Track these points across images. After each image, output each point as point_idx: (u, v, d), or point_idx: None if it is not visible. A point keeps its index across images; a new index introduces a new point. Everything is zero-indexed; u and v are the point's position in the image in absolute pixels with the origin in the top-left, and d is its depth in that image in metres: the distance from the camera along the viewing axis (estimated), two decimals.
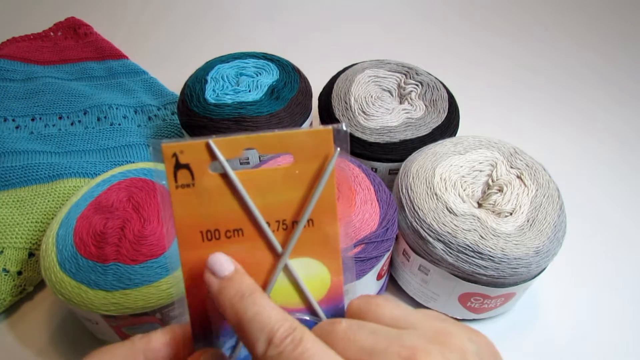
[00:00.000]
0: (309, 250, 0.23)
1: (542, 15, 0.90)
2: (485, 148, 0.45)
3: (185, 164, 0.21)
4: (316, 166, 0.22)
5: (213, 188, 0.21)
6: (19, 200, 0.50)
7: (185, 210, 0.21)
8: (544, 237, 0.38)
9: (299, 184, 0.22)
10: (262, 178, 0.22)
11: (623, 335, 0.44)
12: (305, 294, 0.23)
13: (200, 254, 0.22)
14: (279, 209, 0.22)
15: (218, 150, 0.21)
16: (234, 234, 0.22)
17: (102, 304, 0.35)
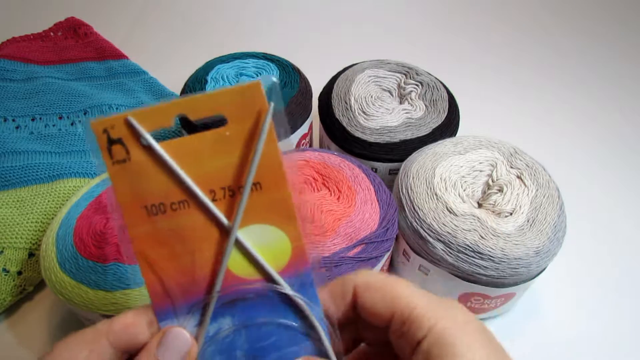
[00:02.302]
0: (262, 216, 0.21)
1: (543, 15, 0.90)
2: (485, 148, 0.45)
3: (118, 139, 0.20)
4: (249, 125, 0.20)
5: (148, 161, 0.20)
6: (19, 200, 0.50)
7: (125, 186, 0.20)
8: (544, 237, 0.38)
9: (233, 147, 0.21)
10: (193, 146, 0.20)
11: (623, 335, 0.44)
12: (262, 264, 0.22)
13: (148, 228, 0.21)
14: (220, 176, 0.21)
15: (138, 124, 0.20)
16: (179, 206, 0.21)
17: (102, 304, 0.35)
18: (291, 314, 0.22)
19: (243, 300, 0.22)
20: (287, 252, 0.22)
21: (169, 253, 0.21)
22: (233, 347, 0.22)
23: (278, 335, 0.22)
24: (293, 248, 0.22)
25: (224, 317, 0.22)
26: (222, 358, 0.22)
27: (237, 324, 0.22)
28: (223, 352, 0.22)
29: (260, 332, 0.22)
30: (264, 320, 0.22)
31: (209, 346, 0.22)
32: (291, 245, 0.22)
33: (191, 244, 0.21)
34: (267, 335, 0.22)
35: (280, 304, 0.22)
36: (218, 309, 0.22)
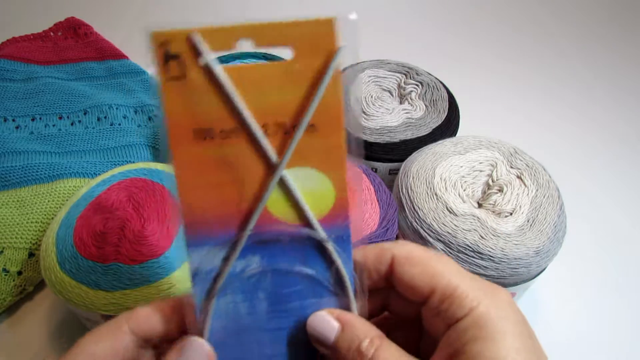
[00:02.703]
0: (312, 160, 0.20)
1: (543, 15, 0.90)
2: (485, 148, 0.45)
3: (176, 55, 0.19)
4: (319, 63, 0.19)
5: (205, 83, 0.19)
6: (19, 200, 0.50)
7: (176, 106, 0.19)
8: (544, 237, 0.38)
9: (300, 82, 0.19)
10: (259, 74, 0.19)
11: (623, 335, 0.44)
12: (302, 207, 0.21)
13: (193, 152, 0.20)
14: (276, 111, 0.20)
15: (203, 42, 0.18)
16: (229, 134, 0.20)
17: (102, 304, 0.35)
18: (321, 266, 0.22)
19: (275, 243, 0.22)
20: (330, 201, 0.21)
21: (210, 181, 0.20)
22: (256, 288, 0.22)
23: (303, 285, 0.22)
24: (337, 198, 0.21)
25: (254, 256, 0.22)
26: (244, 297, 0.22)
27: (265, 266, 0.22)
28: (245, 291, 0.22)
29: (286, 279, 0.22)
30: (293, 267, 0.22)
31: (232, 282, 0.22)
32: (335, 195, 0.21)
33: (234, 176, 0.20)
34: (293, 282, 0.22)
35: (312, 253, 0.22)
36: (249, 247, 0.21)
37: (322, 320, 0.21)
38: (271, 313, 0.22)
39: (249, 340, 0.22)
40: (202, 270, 0.21)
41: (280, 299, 0.22)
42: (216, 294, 0.22)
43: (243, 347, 0.22)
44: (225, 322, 0.22)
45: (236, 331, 0.22)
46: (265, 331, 0.22)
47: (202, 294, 0.21)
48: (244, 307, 0.22)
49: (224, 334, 0.22)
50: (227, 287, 0.22)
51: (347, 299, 0.22)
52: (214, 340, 0.22)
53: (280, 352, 0.22)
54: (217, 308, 0.22)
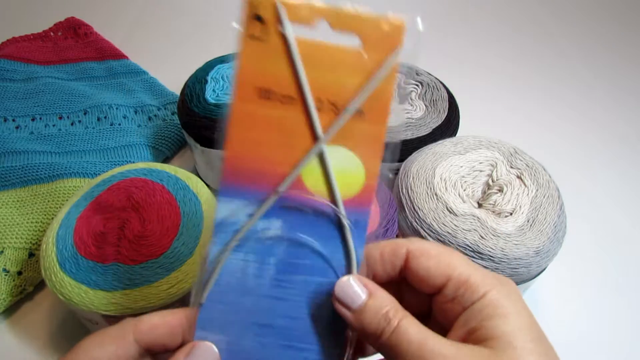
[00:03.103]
0: (351, 142, 0.22)
1: (543, 15, 0.90)
2: (485, 148, 0.45)
3: (261, 18, 0.21)
4: (381, 57, 0.21)
5: (279, 49, 0.21)
6: (19, 200, 0.50)
7: (249, 62, 0.21)
8: (544, 237, 0.38)
9: (360, 71, 0.21)
10: (327, 54, 0.21)
11: (623, 335, 0.44)
12: (332, 186, 0.22)
13: (251, 107, 0.22)
14: (332, 90, 0.22)
15: (287, 13, 0.21)
16: (287, 100, 0.22)
17: (102, 304, 0.35)
18: (335, 247, 0.23)
19: (299, 212, 0.23)
20: (359, 186, 0.23)
21: (258, 138, 0.22)
22: (269, 252, 0.23)
23: (313, 261, 0.23)
24: (365, 185, 0.22)
25: (277, 220, 0.23)
26: (256, 257, 0.23)
27: (284, 232, 0.23)
28: (259, 253, 0.23)
29: (299, 250, 0.23)
30: (308, 241, 0.23)
31: (250, 240, 0.23)
32: (365, 181, 0.22)
33: (280, 138, 0.22)
34: (304, 256, 0.23)
35: (330, 232, 0.23)
36: (274, 210, 0.23)
37: (352, 284, 0.22)
38: (276, 281, 0.23)
39: (248, 302, 0.23)
40: (226, 222, 0.22)
41: (288, 269, 0.23)
42: (232, 248, 0.23)
43: (239, 308, 0.23)
44: (232, 279, 0.23)
45: (239, 290, 0.23)
46: (265, 297, 0.23)
47: (220, 244, 0.22)
48: (253, 267, 0.23)
49: (227, 290, 0.23)
50: (243, 244, 0.23)
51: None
52: (216, 293, 0.23)
53: (272, 323, 0.23)
54: (228, 262, 0.23)
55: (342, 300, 0.22)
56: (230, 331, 0.23)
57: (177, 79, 0.58)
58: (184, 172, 0.43)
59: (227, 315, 0.23)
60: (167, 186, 0.41)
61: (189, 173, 0.43)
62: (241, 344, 0.23)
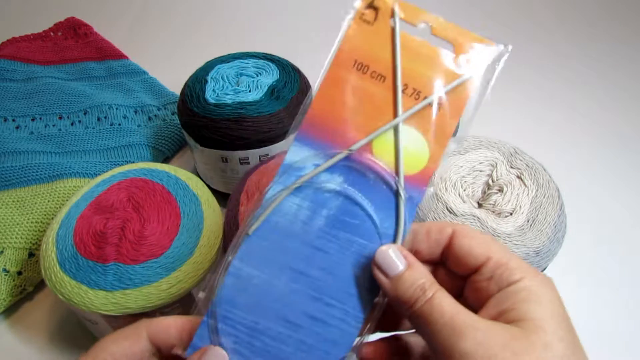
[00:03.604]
0: (424, 127, 0.25)
1: (542, 15, 0.90)
2: (485, 148, 0.45)
3: (376, 7, 0.25)
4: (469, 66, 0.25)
5: (383, 34, 0.25)
6: (19, 200, 0.50)
7: (354, 38, 0.25)
8: (544, 237, 0.38)
9: (449, 72, 0.25)
10: (425, 50, 0.25)
11: (623, 335, 0.44)
12: (398, 159, 0.24)
13: (345, 74, 0.25)
14: (421, 80, 0.25)
15: (399, 9, 0.25)
16: (377, 77, 0.25)
17: (102, 304, 0.35)
18: (386, 215, 0.24)
19: (362, 175, 0.25)
20: (421, 166, 0.25)
21: (343, 100, 0.25)
22: (323, 204, 0.24)
23: (363, 223, 0.24)
24: (426, 166, 0.25)
25: (339, 176, 0.25)
26: (310, 205, 0.24)
27: (343, 189, 0.24)
28: (313, 201, 0.24)
29: (352, 209, 0.24)
30: (363, 202, 0.24)
31: (308, 188, 0.24)
32: (426, 163, 0.25)
33: (363, 107, 0.25)
34: (355, 216, 0.24)
35: (386, 200, 0.24)
36: (340, 166, 0.25)
37: (393, 253, 0.23)
38: (322, 232, 0.24)
39: (291, 245, 0.24)
40: (293, 166, 0.24)
41: (337, 224, 0.24)
42: (291, 191, 0.24)
43: (281, 249, 0.24)
44: (282, 220, 0.24)
45: (285, 232, 0.24)
46: (307, 246, 0.24)
47: (281, 185, 0.24)
48: (304, 214, 0.24)
49: (274, 229, 0.24)
50: (302, 190, 0.24)
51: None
52: (263, 229, 0.24)
53: (308, 272, 0.24)
54: (283, 203, 0.24)
55: (381, 267, 0.23)
56: (266, 269, 0.24)
57: (177, 79, 0.58)
58: (184, 172, 0.43)
59: (267, 252, 0.24)
60: (167, 186, 0.41)
61: (189, 173, 0.43)
62: (273, 284, 0.24)
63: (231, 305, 0.23)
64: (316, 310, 0.23)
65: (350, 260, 0.24)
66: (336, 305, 0.23)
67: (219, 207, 0.41)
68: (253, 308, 0.23)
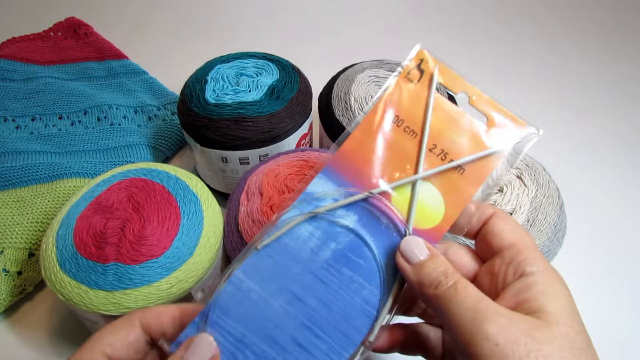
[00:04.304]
0: (444, 187, 0.26)
1: (542, 15, 0.90)
2: None
3: (422, 69, 0.28)
4: (499, 140, 0.26)
5: (421, 94, 0.27)
6: (19, 200, 0.50)
7: (394, 94, 0.27)
8: (544, 237, 0.38)
9: (479, 142, 0.26)
10: (460, 117, 0.27)
11: (623, 335, 0.44)
12: (411, 211, 0.26)
13: (382, 124, 0.27)
14: (450, 144, 0.26)
15: (439, 75, 0.27)
16: (410, 132, 0.27)
17: (102, 304, 0.35)
18: (391, 262, 0.25)
19: (376, 218, 0.26)
20: (433, 223, 0.26)
21: (375, 147, 0.27)
22: (334, 237, 0.25)
23: (368, 264, 0.25)
24: (438, 224, 0.26)
25: (354, 214, 0.26)
26: (321, 235, 0.25)
27: (354, 227, 0.25)
28: (325, 233, 0.25)
29: (360, 249, 0.25)
30: (371, 245, 0.25)
31: (323, 219, 0.25)
32: (440, 221, 0.26)
33: (391, 156, 0.26)
34: (362, 256, 0.25)
35: (392, 246, 0.25)
36: (357, 206, 0.26)
37: (417, 242, 0.24)
38: (327, 264, 0.25)
39: (295, 270, 0.25)
40: (313, 196, 0.26)
41: (342, 260, 0.25)
42: (307, 218, 0.25)
43: (284, 271, 0.24)
44: (291, 243, 0.25)
45: (292, 255, 0.25)
46: (311, 274, 0.24)
47: (298, 210, 0.25)
48: (314, 243, 0.25)
49: (283, 250, 0.25)
50: (317, 219, 0.25)
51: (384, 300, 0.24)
52: (273, 247, 0.25)
53: (305, 299, 0.24)
54: (296, 228, 0.25)
55: (405, 254, 0.24)
56: (266, 286, 0.24)
57: (177, 79, 0.58)
58: (184, 172, 0.43)
59: (271, 271, 0.24)
60: (167, 186, 0.41)
61: (189, 173, 0.43)
62: (269, 302, 0.24)
63: (224, 312, 0.24)
64: (304, 338, 0.24)
65: (348, 298, 0.24)
66: (324, 338, 0.24)
67: (219, 207, 0.41)
68: (245, 320, 0.24)
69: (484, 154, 0.26)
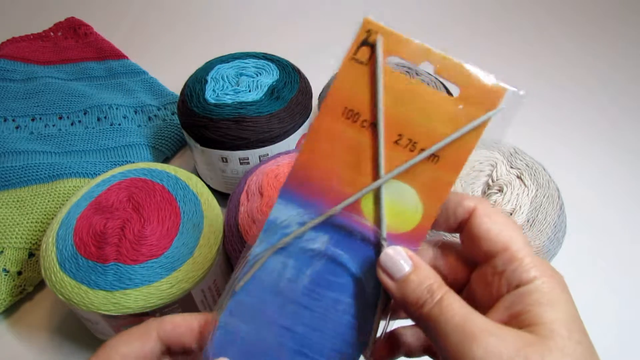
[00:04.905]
0: (418, 183, 0.22)
1: (542, 16, 0.90)
2: (485, 148, 0.45)
3: (372, 44, 0.22)
4: (474, 112, 0.21)
5: (374, 77, 0.22)
6: (19, 200, 0.50)
7: (345, 82, 0.22)
8: (544, 237, 0.38)
9: (452, 120, 0.22)
10: (424, 94, 0.22)
11: (623, 335, 0.44)
12: (382, 219, 0.23)
13: (333, 124, 0.22)
14: (416, 129, 0.22)
15: (381, 45, 0.21)
16: (367, 125, 0.22)
17: (102, 304, 0.35)
18: (372, 276, 0.23)
19: (348, 233, 0.23)
20: (413, 224, 0.23)
21: (332, 153, 0.23)
22: (308, 262, 0.24)
23: (349, 282, 0.23)
24: (418, 225, 0.23)
25: (325, 234, 0.23)
26: (295, 264, 0.24)
27: (327, 248, 0.23)
28: (299, 260, 0.24)
29: (337, 268, 0.23)
30: (347, 263, 0.23)
31: (293, 246, 0.24)
32: (420, 221, 0.23)
33: (351, 160, 0.22)
34: (341, 275, 0.23)
35: (371, 259, 0.23)
36: (325, 225, 0.23)
37: (398, 254, 0.22)
38: (308, 290, 0.24)
39: (277, 302, 0.24)
40: (277, 223, 0.23)
41: (322, 283, 0.23)
42: (277, 249, 0.23)
43: (268, 305, 0.24)
44: (267, 277, 0.24)
45: (271, 289, 0.24)
46: (293, 303, 0.24)
47: (267, 243, 0.24)
48: (289, 272, 0.24)
49: (261, 286, 0.24)
50: (287, 248, 0.24)
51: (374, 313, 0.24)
52: (250, 286, 0.24)
53: (294, 328, 0.24)
54: (269, 261, 0.24)
55: (386, 269, 0.22)
56: (253, 324, 0.24)
57: (177, 79, 0.58)
58: (184, 172, 0.43)
59: (255, 308, 0.24)
60: (167, 186, 0.41)
61: (189, 173, 0.43)
62: (260, 338, 0.24)
63: (221, 355, 0.24)
64: None
65: (336, 318, 0.23)
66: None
67: (219, 207, 0.41)
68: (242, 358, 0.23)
69: (460, 133, 0.21)
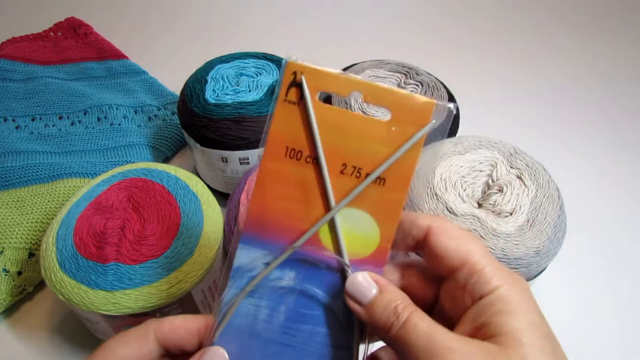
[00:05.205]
0: (370, 206, 0.23)
1: (542, 17, 0.90)
2: (485, 148, 0.45)
3: (299, 84, 0.22)
4: (408, 130, 0.22)
5: (306, 114, 0.23)
6: (19, 200, 0.50)
7: (281, 123, 0.23)
8: (544, 237, 0.38)
9: (389, 142, 0.23)
10: (357, 122, 0.23)
11: (623, 335, 0.44)
12: (341, 247, 0.24)
13: (279, 165, 0.23)
14: (357, 156, 0.23)
15: (306, 82, 0.22)
16: (312, 161, 0.23)
17: (102, 304, 0.35)
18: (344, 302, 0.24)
19: (313, 265, 0.24)
20: (372, 247, 0.24)
21: (282, 194, 0.23)
22: (280, 300, 0.24)
23: (321, 312, 0.24)
24: (378, 247, 0.24)
25: (291, 270, 0.24)
26: (268, 304, 0.24)
27: (296, 283, 0.24)
28: (271, 300, 0.24)
29: (308, 301, 0.24)
30: (318, 294, 0.24)
31: (263, 287, 0.24)
32: (379, 243, 0.24)
33: (304, 197, 0.23)
34: (313, 307, 0.24)
35: (339, 287, 0.24)
36: (290, 261, 0.24)
37: (363, 279, 0.22)
38: (284, 328, 0.24)
39: (257, 345, 0.24)
40: (244, 268, 0.24)
41: (297, 318, 0.24)
42: (247, 293, 0.24)
43: (248, 350, 0.24)
44: (243, 322, 0.24)
45: (249, 333, 0.24)
46: (273, 343, 0.24)
47: (236, 288, 0.24)
48: (264, 313, 0.24)
49: (238, 332, 0.24)
50: (257, 290, 0.24)
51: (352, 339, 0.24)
52: (227, 333, 0.24)
53: None
54: (241, 306, 0.24)
55: (353, 296, 0.22)
56: None
57: (177, 79, 0.58)
58: (184, 172, 0.43)
59: (235, 356, 0.24)
60: (167, 186, 0.41)
61: (189, 173, 0.43)
62: None
63: None
64: None
65: (317, 349, 0.24)
66: None
67: (219, 207, 0.41)
68: None
69: (400, 153, 0.22)
